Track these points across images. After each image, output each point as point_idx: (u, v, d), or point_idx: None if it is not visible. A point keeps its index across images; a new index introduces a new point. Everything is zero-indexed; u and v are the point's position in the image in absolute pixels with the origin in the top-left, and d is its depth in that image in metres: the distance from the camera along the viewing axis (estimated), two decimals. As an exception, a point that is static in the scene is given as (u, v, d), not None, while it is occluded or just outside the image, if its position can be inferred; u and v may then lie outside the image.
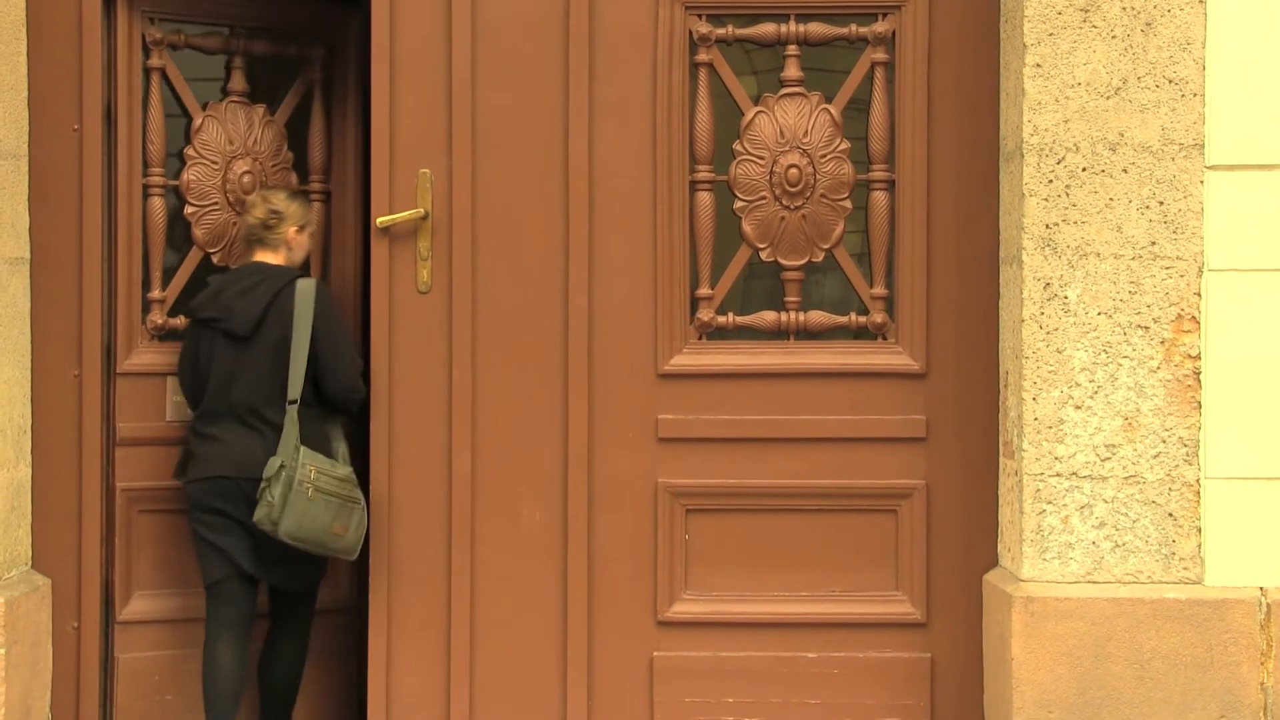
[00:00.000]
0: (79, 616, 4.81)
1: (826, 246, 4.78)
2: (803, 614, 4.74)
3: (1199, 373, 4.44)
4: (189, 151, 4.97)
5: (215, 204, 5.00)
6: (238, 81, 5.05)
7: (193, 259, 4.99)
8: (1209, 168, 4.45)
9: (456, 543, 4.74)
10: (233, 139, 5.01)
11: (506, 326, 4.74)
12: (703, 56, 4.77)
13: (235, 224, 4.99)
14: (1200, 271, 4.45)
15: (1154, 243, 4.45)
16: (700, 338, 4.79)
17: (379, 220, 4.74)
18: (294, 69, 5.17)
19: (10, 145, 4.68)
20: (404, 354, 4.75)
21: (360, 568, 4.90)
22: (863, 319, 4.79)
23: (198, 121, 4.99)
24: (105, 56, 4.82)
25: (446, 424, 4.74)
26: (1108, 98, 4.45)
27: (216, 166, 4.99)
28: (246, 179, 5.02)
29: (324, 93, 5.18)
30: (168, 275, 4.98)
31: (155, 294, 4.94)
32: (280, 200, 4.86)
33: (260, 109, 5.08)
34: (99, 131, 4.80)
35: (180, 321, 4.94)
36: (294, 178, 5.14)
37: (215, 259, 5.01)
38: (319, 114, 5.18)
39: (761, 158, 4.77)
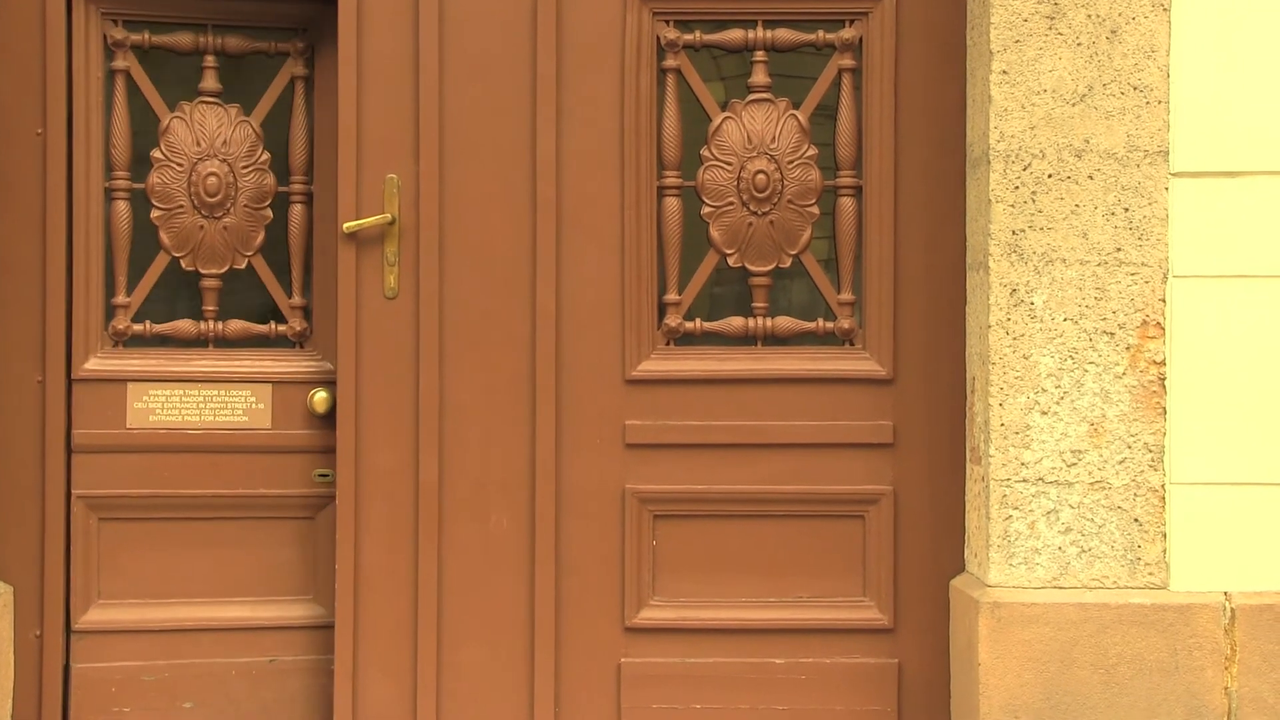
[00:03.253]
0: (41, 624, 4.77)
1: (794, 252, 4.79)
2: (770, 620, 4.74)
3: (1164, 379, 4.47)
4: (155, 154, 4.93)
5: (181, 207, 4.95)
6: (209, 81, 4.99)
7: (159, 263, 4.96)
8: (1174, 174, 4.47)
9: (423, 550, 4.72)
10: (199, 140, 4.97)
11: (474, 332, 4.73)
12: (670, 62, 4.77)
13: (202, 227, 4.96)
14: (1165, 278, 4.47)
15: (1119, 249, 4.47)
16: (668, 343, 4.79)
17: (345, 225, 4.72)
18: (272, 66, 5.10)
19: (-28, 149, 4.66)
20: (370, 360, 4.73)
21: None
22: (830, 325, 4.80)
23: (164, 123, 4.95)
24: (69, 59, 4.79)
25: (413, 430, 4.72)
26: (1073, 104, 4.47)
27: (182, 169, 4.95)
28: (212, 181, 4.96)
29: (306, 90, 5.05)
30: (134, 280, 4.95)
31: (120, 299, 4.90)
32: None
33: (234, 109, 5.01)
34: (63, 135, 4.77)
35: (145, 328, 4.92)
36: (271, 179, 5.05)
37: (184, 264, 4.97)
38: (301, 112, 5.04)
39: (729, 163, 4.77)
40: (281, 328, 5.04)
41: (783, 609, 4.75)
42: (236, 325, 5.01)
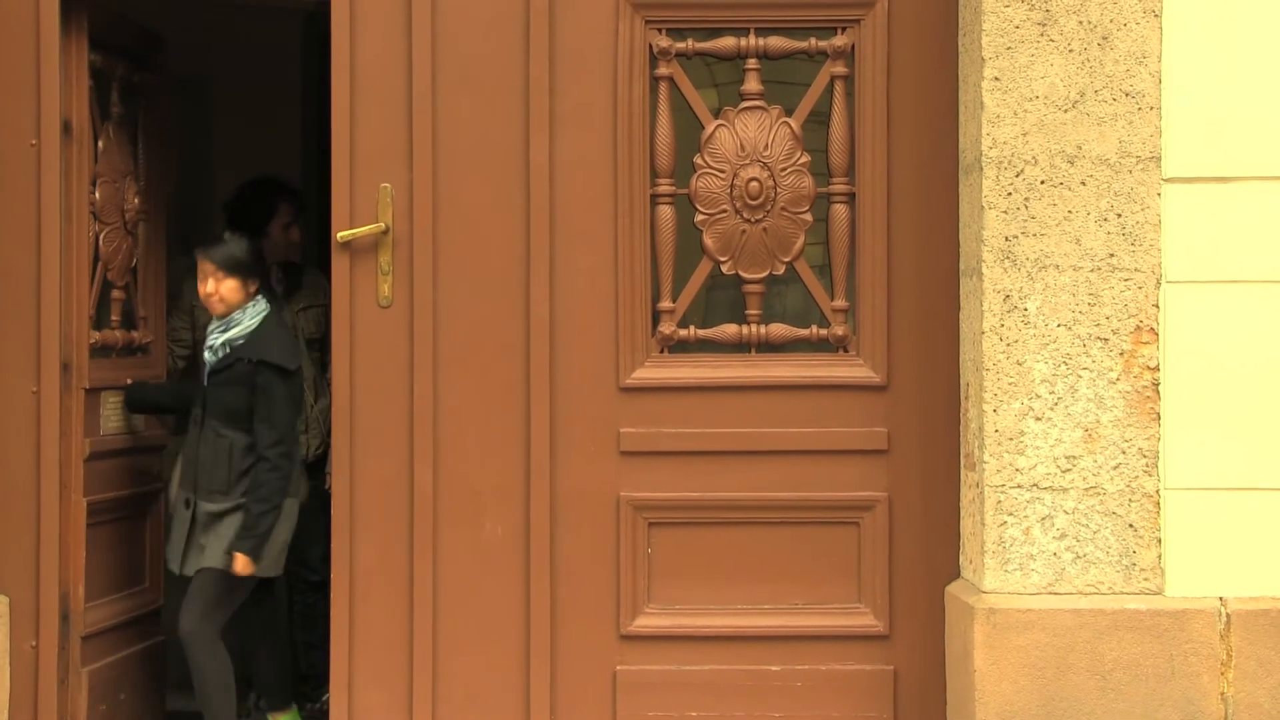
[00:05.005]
0: (37, 635, 4.77)
1: (787, 259, 4.79)
2: (766, 627, 4.74)
3: (1158, 384, 4.47)
4: (98, 169, 4.98)
5: (115, 224, 5.04)
6: (116, 104, 5.10)
7: (99, 276, 5.01)
8: (1166, 180, 4.48)
9: (419, 557, 4.72)
10: (124, 159, 5.09)
11: (468, 340, 4.73)
12: (663, 70, 4.77)
13: (126, 242, 5.09)
14: (1158, 283, 4.47)
15: (1112, 255, 4.47)
16: (662, 351, 4.79)
17: (339, 235, 4.73)
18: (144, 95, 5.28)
19: (-32, 160, 4.67)
20: (365, 368, 4.73)
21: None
22: (824, 331, 4.80)
23: (102, 143, 5.01)
24: (62, 73, 4.80)
25: (408, 438, 4.72)
26: (1065, 110, 4.47)
27: (116, 186, 5.04)
28: (138, 200, 5.13)
29: (144, 123, 5.28)
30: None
31: (89, 310, 4.96)
32: None
33: (126, 133, 5.16)
34: (57, 147, 4.77)
35: (99, 338, 4.99)
36: (136, 202, 5.22)
37: (109, 275, 5.05)
38: (142, 144, 5.26)
39: (722, 171, 4.78)
40: (136, 334, 5.22)
41: (778, 616, 4.75)
42: (119, 334, 5.13)
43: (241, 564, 4.84)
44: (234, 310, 4.99)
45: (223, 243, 5.05)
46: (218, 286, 4.97)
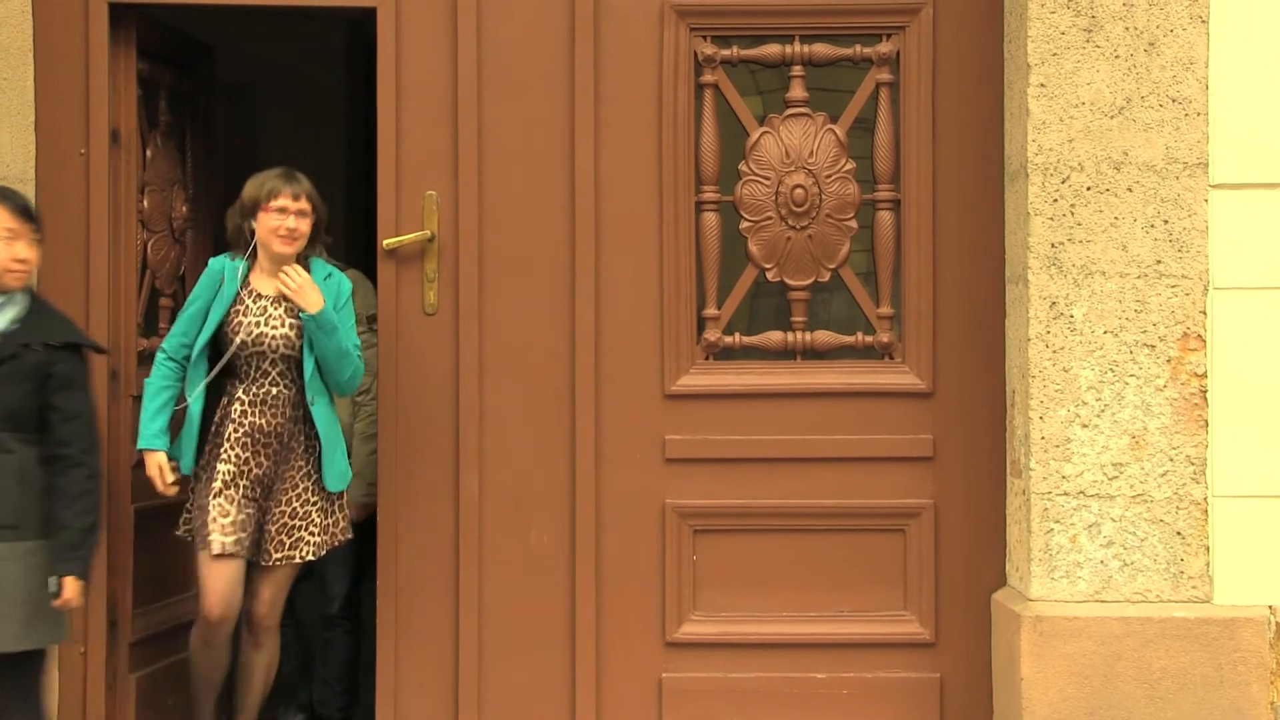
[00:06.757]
0: (86, 640, 4.80)
1: (833, 266, 4.79)
2: (811, 634, 4.74)
3: (1205, 391, 4.45)
4: (146, 177, 5.01)
5: (162, 231, 5.07)
6: (164, 112, 5.12)
7: (146, 284, 5.04)
8: (1213, 186, 4.46)
9: (464, 564, 4.74)
10: (172, 168, 5.11)
11: (513, 347, 4.75)
12: (708, 77, 4.78)
13: (174, 250, 5.10)
14: (1206, 290, 4.45)
15: (1159, 261, 4.45)
16: (707, 358, 4.79)
17: (386, 242, 4.75)
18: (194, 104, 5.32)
19: (18, 170, 4.69)
20: (411, 375, 4.75)
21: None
22: (869, 338, 4.79)
23: (150, 151, 5.04)
24: (111, 82, 4.84)
25: (454, 445, 4.74)
26: (1111, 117, 4.46)
27: (164, 194, 5.08)
28: (185, 208, 5.15)
29: (192, 131, 5.30)
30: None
31: (137, 318, 4.99)
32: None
33: (174, 141, 5.19)
34: (105, 156, 4.81)
35: (148, 344, 4.99)
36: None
37: (157, 283, 5.08)
38: (190, 152, 5.28)
39: (767, 178, 4.78)
40: None
41: (823, 623, 4.75)
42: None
43: (72, 589, 3.96)
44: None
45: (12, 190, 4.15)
46: (29, 253, 4.01)
